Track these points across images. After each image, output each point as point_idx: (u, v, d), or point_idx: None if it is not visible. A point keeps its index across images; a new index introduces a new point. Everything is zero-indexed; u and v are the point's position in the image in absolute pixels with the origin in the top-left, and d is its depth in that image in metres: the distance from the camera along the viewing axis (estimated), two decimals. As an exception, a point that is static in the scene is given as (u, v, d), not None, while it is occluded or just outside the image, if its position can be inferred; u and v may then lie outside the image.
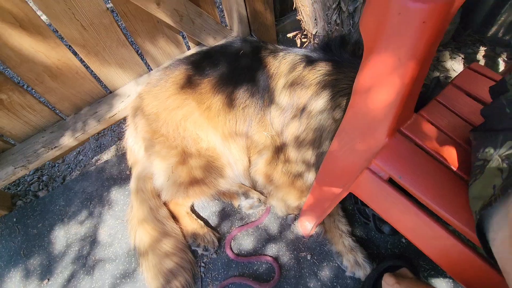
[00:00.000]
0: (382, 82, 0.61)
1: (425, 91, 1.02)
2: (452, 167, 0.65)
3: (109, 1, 1.19)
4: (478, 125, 0.66)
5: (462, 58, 1.60)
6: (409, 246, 1.09)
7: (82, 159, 1.65)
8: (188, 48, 1.60)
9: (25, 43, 1.06)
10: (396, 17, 0.52)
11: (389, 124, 0.66)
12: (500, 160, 0.48)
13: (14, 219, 1.39)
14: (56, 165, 1.65)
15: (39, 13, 1.12)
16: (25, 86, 1.88)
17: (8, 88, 1.14)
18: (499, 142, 0.50)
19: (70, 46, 1.20)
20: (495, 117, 0.57)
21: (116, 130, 1.71)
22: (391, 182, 0.70)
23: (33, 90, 1.29)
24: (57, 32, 1.15)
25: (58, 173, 1.61)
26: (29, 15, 1.01)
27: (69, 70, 1.23)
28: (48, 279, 1.21)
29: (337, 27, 1.14)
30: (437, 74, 1.55)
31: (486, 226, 0.50)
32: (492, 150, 0.51)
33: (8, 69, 1.86)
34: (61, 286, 1.19)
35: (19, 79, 1.33)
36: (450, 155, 0.68)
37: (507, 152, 0.48)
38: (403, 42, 0.54)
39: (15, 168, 1.27)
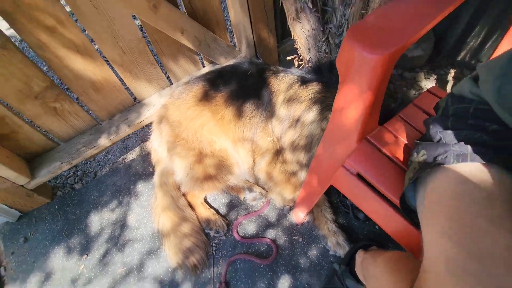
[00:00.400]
0: (351, 104, 0.84)
1: (393, 108, 1.25)
2: (402, 165, 0.88)
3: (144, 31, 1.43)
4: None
5: (435, 79, 1.83)
6: (380, 232, 1.30)
7: (110, 157, 1.88)
8: (203, 66, 1.83)
9: (79, 64, 1.30)
10: (357, 62, 0.75)
11: (357, 133, 0.89)
12: (417, 162, 0.71)
13: (56, 206, 1.62)
14: (88, 162, 1.88)
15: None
16: (70, 95, 2.12)
17: (62, 99, 1.37)
18: (420, 150, 0.73)
19: (110, 65, 1.44)
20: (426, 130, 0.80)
21: (140, 134, 1.94)
22: (359, 176, 0.93)
23: (79, 100, 1.52)
24: (102, 54, 1.39)
25: (90, 169, 1.83)
26: (85, 43, 1.25)
27: (108, 84, 1.46)
28: (87, 255, 1.43)
29: (326, 55, 1.37)
30: (413, 91, 1.78)
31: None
32: (416, 155, 0.74)
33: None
34: (97, 260, 1.41)
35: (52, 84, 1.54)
36: (402, 156, 0.90)
37: (420, 158, 0.70)
38: (362, 78, 0.77)
39: (61, 163, 1.50)
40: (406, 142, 0.97)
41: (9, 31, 1.99)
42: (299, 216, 1.38)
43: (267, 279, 1.26)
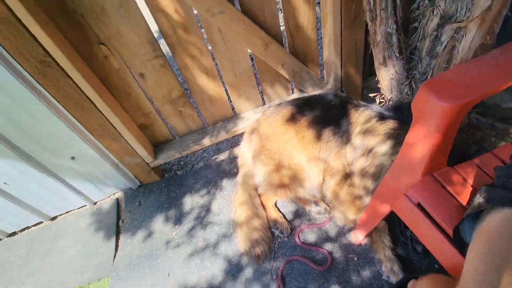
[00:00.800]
0: (419, 142, 0.96)
1: (470, 154, 1.27)
2: (462, 202, 0.94)
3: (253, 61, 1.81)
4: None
5: (534, 134, 1.69)
6: (439, 271, 1.29)
7: (205, 155, 2.29)
8: (293, 92, 2.12)
9: (203, 82, 1.73)
10: (429, 108, 0.89)
11: (423, 168, 0.99)
12: (477, 202, 0.79)
13: (163, 184, 2.08)
14: (189, 156, 2.33)
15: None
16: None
17: (186, 105, 1.83)
18: (482, 192, 0.81)
19: (224, 84, 1.85)
20: None
21: (231, 140, 2.31)
22: (419, 207, 1.02)
23: (196, 108, 1.98)
24: (221, 76, 1.81)
25: (190, 162, 2.28)
26: (212, 67, 1.67)
27: (219, 99, 1.87)
28: (179, 225, 1.81)
29: (407, 96, 1.48)
30: (502, 143, 1.69)
31: None
32: (478, 196, 0.82)
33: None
34: (185, 232, 1.76)
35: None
36: (465, 196, 0.97)
37: (481, 199, 0.78)
38: (432, 122, 0.89)
39: (174, 152, 1.95)
40: (474, 186, 1.02)
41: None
42: (358, 237, 1.48)
43: (318, 284, 1.39)
